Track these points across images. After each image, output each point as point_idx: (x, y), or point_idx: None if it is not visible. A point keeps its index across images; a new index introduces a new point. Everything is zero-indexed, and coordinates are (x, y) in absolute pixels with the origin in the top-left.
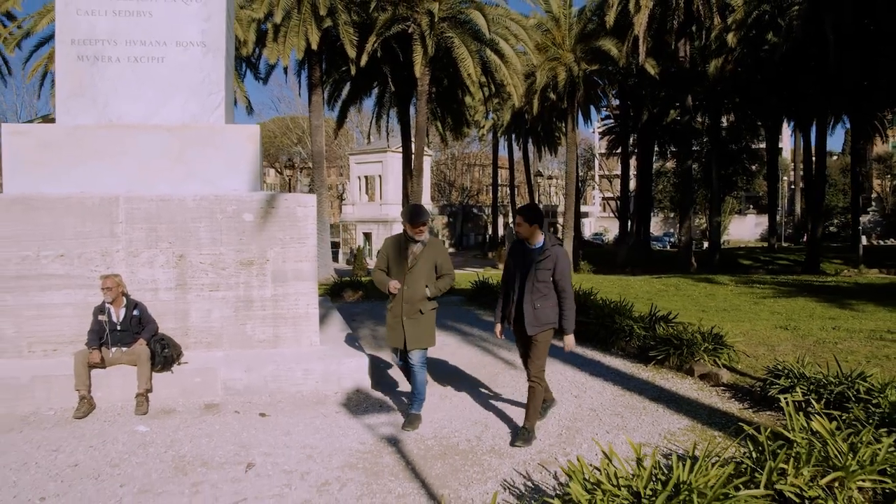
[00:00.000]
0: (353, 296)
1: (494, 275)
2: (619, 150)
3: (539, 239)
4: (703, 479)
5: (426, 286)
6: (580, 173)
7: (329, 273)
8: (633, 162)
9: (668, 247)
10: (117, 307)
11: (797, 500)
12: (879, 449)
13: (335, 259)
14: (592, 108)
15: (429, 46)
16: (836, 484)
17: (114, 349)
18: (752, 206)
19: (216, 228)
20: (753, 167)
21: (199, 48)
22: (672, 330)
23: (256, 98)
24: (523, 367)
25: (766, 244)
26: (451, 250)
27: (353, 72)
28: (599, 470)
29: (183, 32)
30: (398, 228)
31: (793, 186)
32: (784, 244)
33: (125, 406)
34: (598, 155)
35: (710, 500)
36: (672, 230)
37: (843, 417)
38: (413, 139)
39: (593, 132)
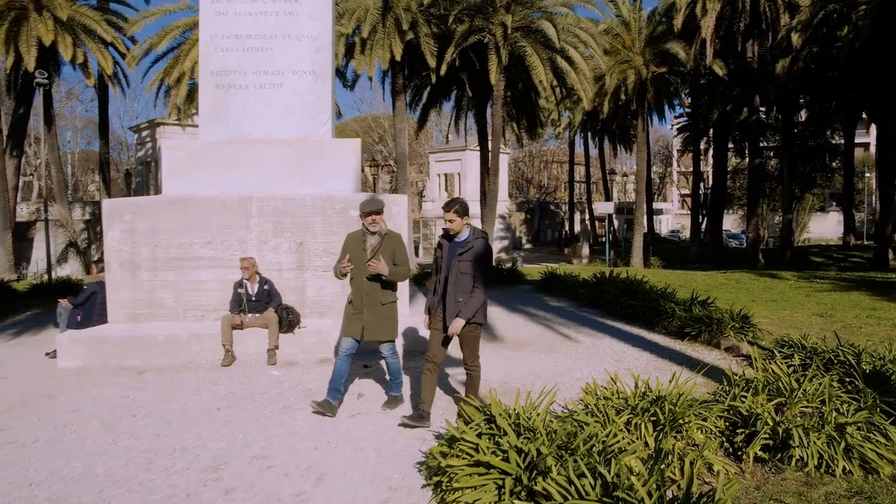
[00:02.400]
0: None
1: (567, 269)
2: (691, 148)
3: (464, 232)
4: (676, 392)
5: (383, 277)
6: (659, 170)
7: (413, 265)
8: (710, 159)
9: (745, 244)
10: (252, 283)
11: (748, 415)
12: (821, 384)
13: (416, 253)
14: (666, 106)
15: (503, 56)
16: (785, 408)
17: (249, 315)
18: (834, 204)
19: (328, 221)
20: (834, 164)
21: (310, 76)
22: (706, 311)
23: (340, 99)
24: (431, 355)
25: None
26: (527, 246)
27: (433, 80)
28: (607, 388)
29: (298, 63)
30: (477, 224)
31: None
32: (866, 242)
33: (258, 359)
34: (676, 152)
35: (679, 405)
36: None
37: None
38: (489, 140)
39: (671, 128)
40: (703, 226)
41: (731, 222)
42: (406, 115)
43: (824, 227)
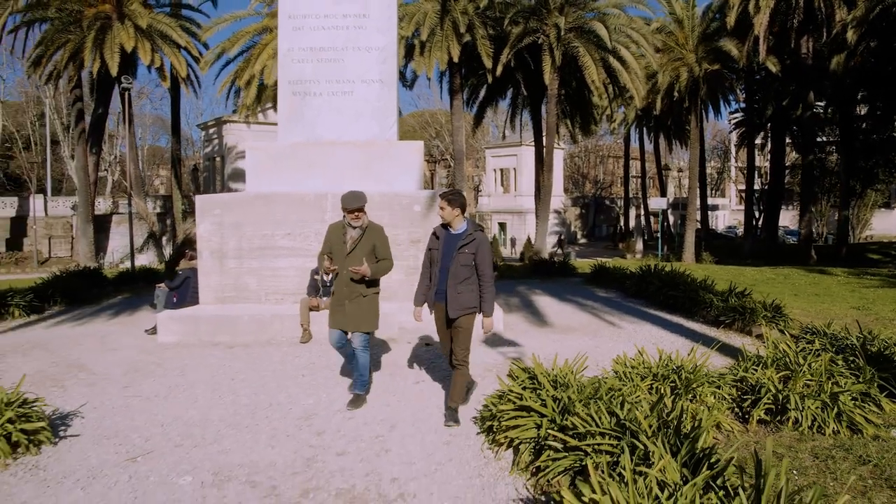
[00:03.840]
0: None
1: (618, 263)
2: (745, 143)
3: (461, 224)
4: (691, 364)
5: (367, 278)
6: (717, 165)
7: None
8: (767, 154)
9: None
10: (327, 271)
11: (755, 385)
12: (824, 359)
13: None
14: (722, 102)
15: (556, 56)
16: (790, 380)
17: (324, 299)
18: None
19: (394, 216)
20: None
21: (377, 84)
22: (741, 302)
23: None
24: (443, 350)
25: None
26: (582, 241)
27: (489, 80)
28: (635, 359)
29: (367, 73)
30: (531, 219)
31: None
32: None
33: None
34: (733, 147)
35: (695, 374)
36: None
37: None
38: (544, 136)
39: (729, 122)
40: (760, 222)
41: (790, 218)
42: (463, 112)
43: (888, 223)
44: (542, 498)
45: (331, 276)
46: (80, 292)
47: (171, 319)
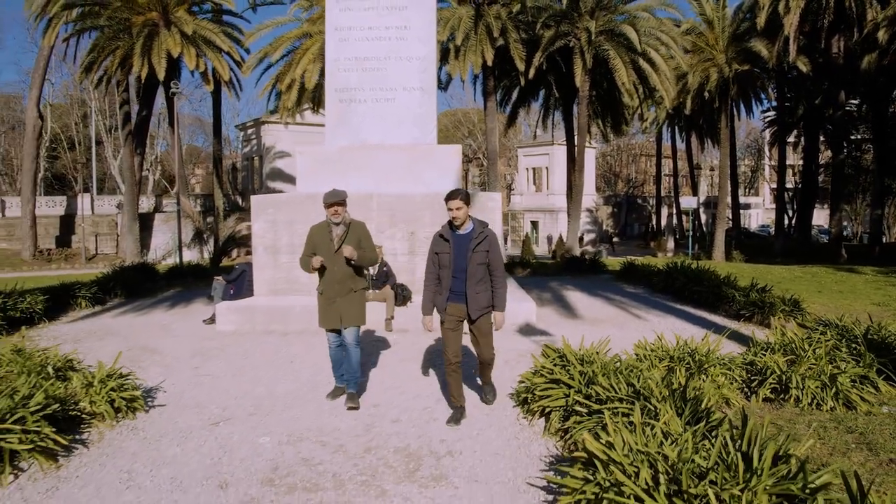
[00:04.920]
0: (522, 272)
1: (649, 261)
2: (777, 142)
3: (468, 224)
4: (704, 348)
5: (352, 264)
6: (751, 163)
7: (503, 256)
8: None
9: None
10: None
11: (763, 368)
12: (827, 346)
13: (504, 244)
14: (753, 100)
15: (587, 59)
16: (795, 365)
17: (370, 291)
18: None
19: (435, 214)
20: None
21: (418, 91)
22: (761, 297)
23: None
24: (449, 350)
25: None
26: (614, 240)
27: (522, 82)
28: (654, 344)
29: (408, 81)
30: (563, 218)
31: None
32: None
33: (378, 326)
34: (766, 145)
35: (708, 355)
36: (846, 223)
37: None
38: (576, 136)
39: (761, 121)
40: (794, 220)
41: (825, 217)
42: (496, 113)
43: None
44: (569, 454)
45: (374, 269)
46: (137, 286)
47: (229, 310)
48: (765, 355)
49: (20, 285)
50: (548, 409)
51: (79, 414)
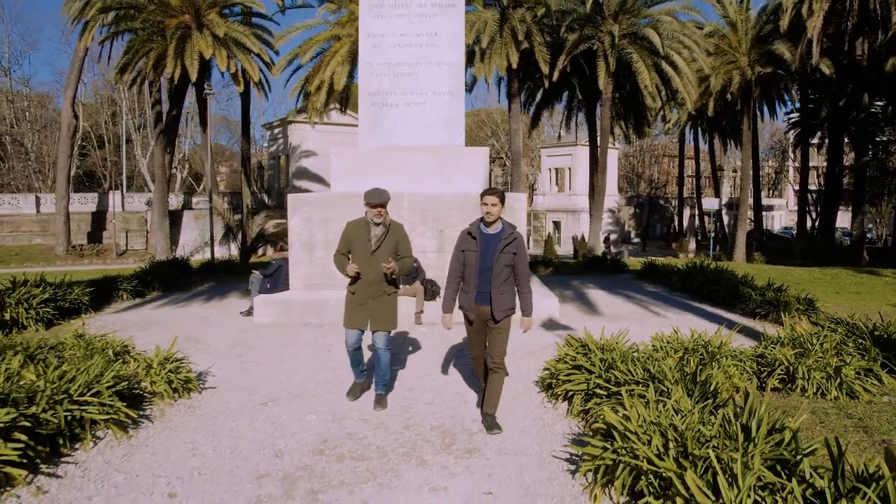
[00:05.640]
0: (545, 270)
1: (669, 262)
2: (799, 144)
3: (498, 224)
4: (717, 341)
5: (393, 276)
6: (775, 164)
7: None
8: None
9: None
10: None
11: (772, 360)
12: (834, 340)
13: (528, 244)
14: (777, 102)
15: (611, 63)
16: (804, 357)
17: (401, 286)
18: None
19: (463, 214)
20: None
21: (447, 96)
22: (776, 296)
23: None
24: (474, 352)
25: None
26: (636, 240)
27: (546, 84)
28: (670, 336)
29: (438, 86)
30: (585, 218)
31: None
32: None
33: (408, 319)
34: (790, 147)
35: (720, 347)
36: (871, 225)
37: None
38: (598, 137)
39: (785, 122)
40: (817, 223)
41: (849, 220)
42: (520, 113)
43: None
44: (591, 432)
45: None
46: (173, 280)
47: (266, 303)
48: (774, 348)
49: (59, 279)
50: (570, 393)
51: (141, 392)
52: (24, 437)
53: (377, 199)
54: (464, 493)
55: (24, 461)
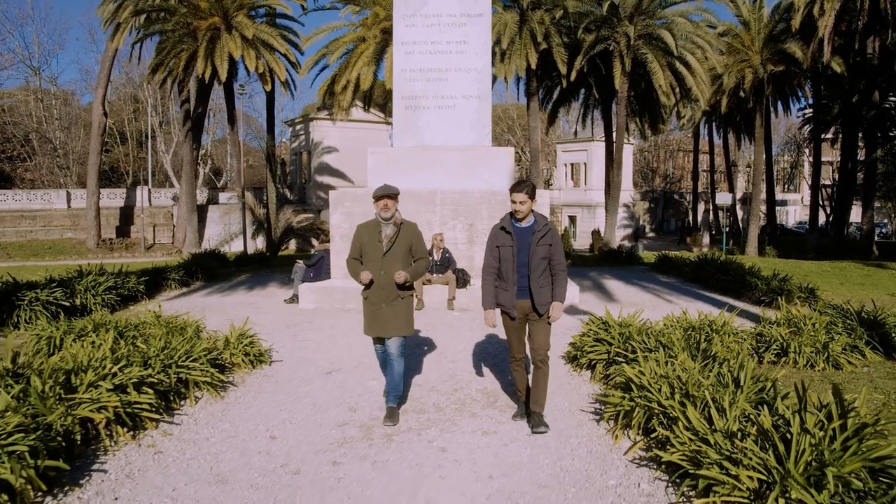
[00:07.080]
0: None
1: (685, 255)
2: (812, 140)
3: (530, 217)
4: (720, 320)
5: (406, 284)
6: (790, 159)
7: None
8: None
9: (877, 237)
10: (437, 251)
11: (768, 337)
12: (824, 321)
13: None
14: (791, 98)
15: (626, 63)
16: (797, 334)
17: (434, 275)
18: None
19: (491, 209)
20: None
21: (476, 99)
22: (780, 285)
23: None
24: (516, 351)
25: None
26: (651, 235)
27: (563, 84)
28: (680, 318)
29: (467, 90)
30: (601, 213)
31: None
32: None
33: (441, 305)
34: (805, 142)
35: (721, 328)
36: (885, 220)
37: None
38: (614, 134)
39: (801, 117)
40: (831, 218)
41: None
42: (538, 111)
43: None
44: (611, 392)
45: (437, 255)
46: (213, 271)
47: (310, 290)
48: (772, 328)
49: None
50: (594, 362)
51: (223, 363)
52: (150, 392)
53: (382, 192)
54: (510, 434)
55: (152, 410)
